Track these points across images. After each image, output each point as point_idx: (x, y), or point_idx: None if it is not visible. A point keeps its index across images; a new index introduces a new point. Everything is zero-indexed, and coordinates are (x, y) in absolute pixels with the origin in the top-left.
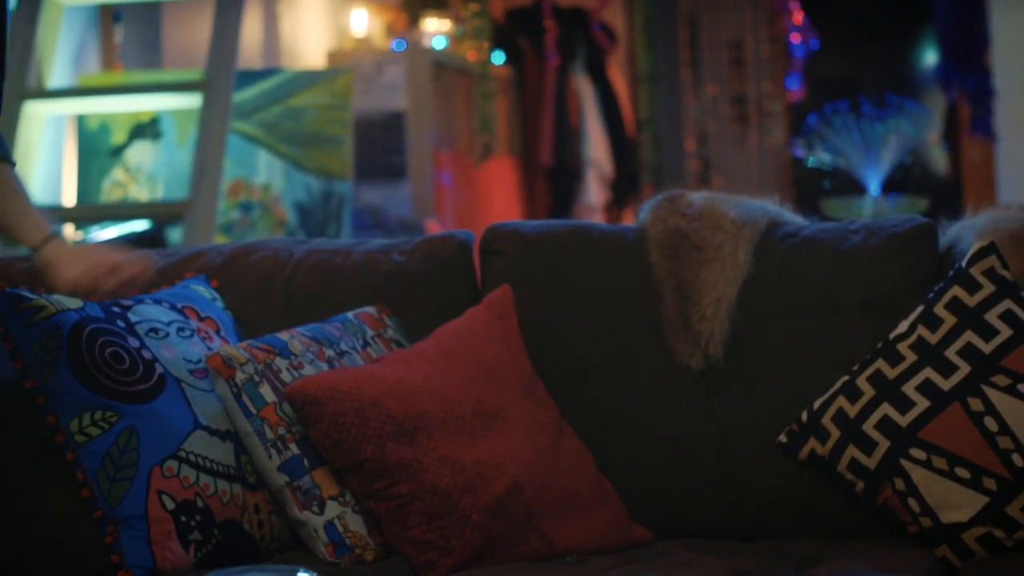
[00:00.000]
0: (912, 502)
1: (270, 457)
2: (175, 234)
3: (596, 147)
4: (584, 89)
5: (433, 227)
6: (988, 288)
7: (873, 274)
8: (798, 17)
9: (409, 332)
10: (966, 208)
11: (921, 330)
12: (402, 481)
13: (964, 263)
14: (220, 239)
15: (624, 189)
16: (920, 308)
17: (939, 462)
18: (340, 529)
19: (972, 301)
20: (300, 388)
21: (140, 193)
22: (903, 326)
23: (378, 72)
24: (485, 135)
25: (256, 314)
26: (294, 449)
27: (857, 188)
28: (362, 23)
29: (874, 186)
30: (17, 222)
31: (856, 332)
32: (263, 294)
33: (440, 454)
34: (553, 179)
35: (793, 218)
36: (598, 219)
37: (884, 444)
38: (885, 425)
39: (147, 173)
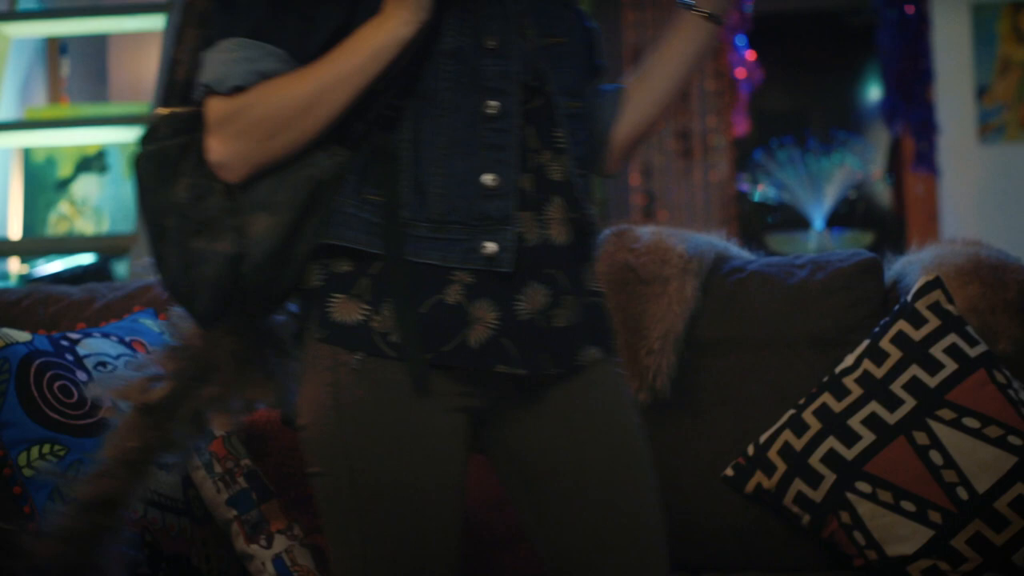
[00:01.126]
0: (858, 535)
1: (218, 491)
2: (121, 268)
3: None
4: None
5: None
6: (933, 322)
7: (819, 308)
8: (750, 53)
9: None
10: (910, 242)
11: (867, 364)
12: None
13: (910, 297)
14: None
15: None
16: (866, 342)
17: (884, 495)
18: (288, 563)
19: (917, 335)
20: (249, 422)
21: (86, 226)
22: (849, 360)
23: None
24: None
25: None
26: (242, 483)
27: (802, 223)
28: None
29: (819, 220)
30: None
31: (802, 366)
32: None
33: None
34: None
35: (740, 252)
36: None
37: (830, 477)
38: (831, 458)
39: (93, 206)
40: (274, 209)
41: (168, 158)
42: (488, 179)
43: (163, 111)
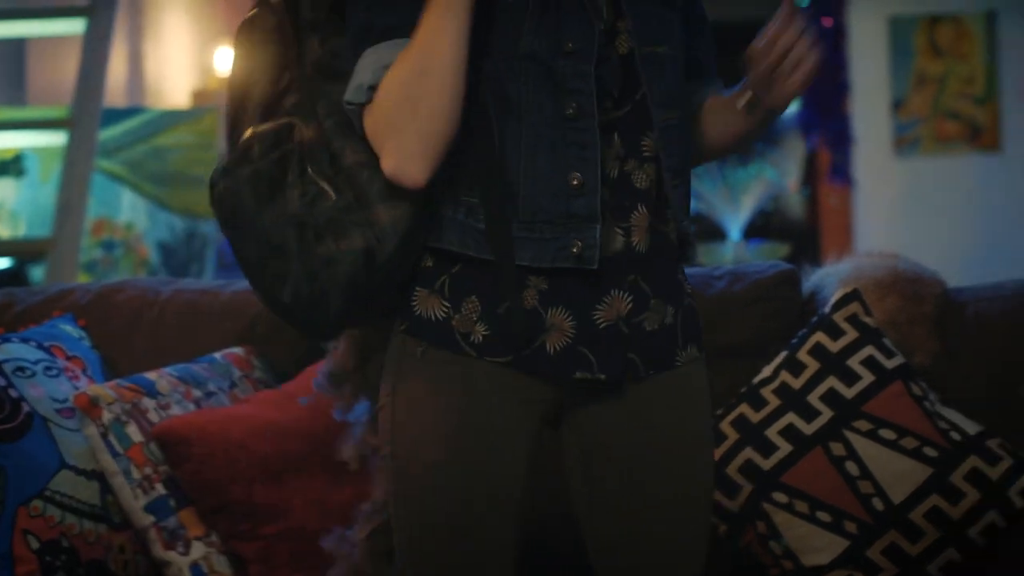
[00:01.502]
0: (774, 545)
1: (136, 497)
2: (37, 272)
3: None
4: None
5: None
6: (851, 334)
7: (737, 319)
8: None
9: (277, 374)
10: (824, 254)
11: (784, 375)
12: (269, 522)
13: (828, 309)
14: (83, 278)
15: None
16: (784, 353)
17: (801, 506)
18: (205, 570)
19: (835, 347)
20: (168, 428)
21: (2, 231)
22: (767, 371)
23: None
24: None
25: (123, 353)
26: (160, 489)
27: (718, 233)
28: (227, 62)
29: (735, 231)
30: None
31: (720, 376)
32: (131, 333)
33: (307, 496)
34: None
35: None
36: None
37: (747, 487)
38: (748, 469)
39: (9, 210)
40: (398, 199)
41: (267, 176)
42: (574, 177)
43: (248, 133)
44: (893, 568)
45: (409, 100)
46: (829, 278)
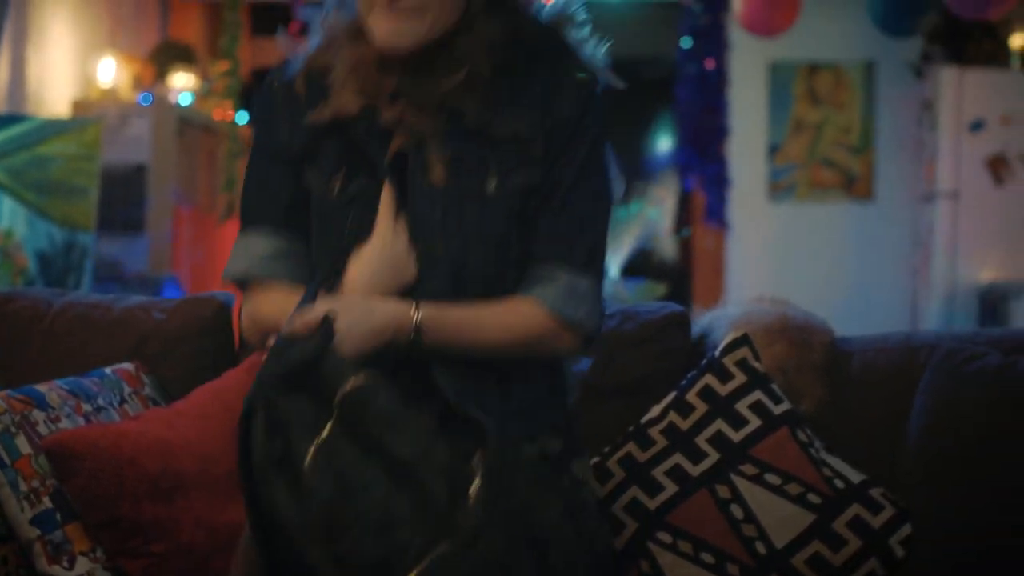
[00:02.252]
0: None
1: (22, 510)
2: None
3: None
4: None
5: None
6: (740, 378)
7: (627, 359)
8: None
9: (167, 390)
10: (695, 295)
11: (673, 416)
12: (156, 540)
13: (718, 352)
14: None
15: None
16: (672, 394)
17: (685, 546)
18: None
19: (724, 390)
20: (58, 441)
21: None
22: (655, 411)
23: (122, 124)
24: (229, 194)
25: (13, 364)
26: (47, 503)
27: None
28: (109, 73)
29: (614, 269)
30: None
31: (608, 415)
32: (20, 345)
33: (195, 515)
34: None
35: None
36: None
37: (632, 526)
38: (634, 507)
39: None
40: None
41: None
42: None
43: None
44: None
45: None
46: (719, 321)
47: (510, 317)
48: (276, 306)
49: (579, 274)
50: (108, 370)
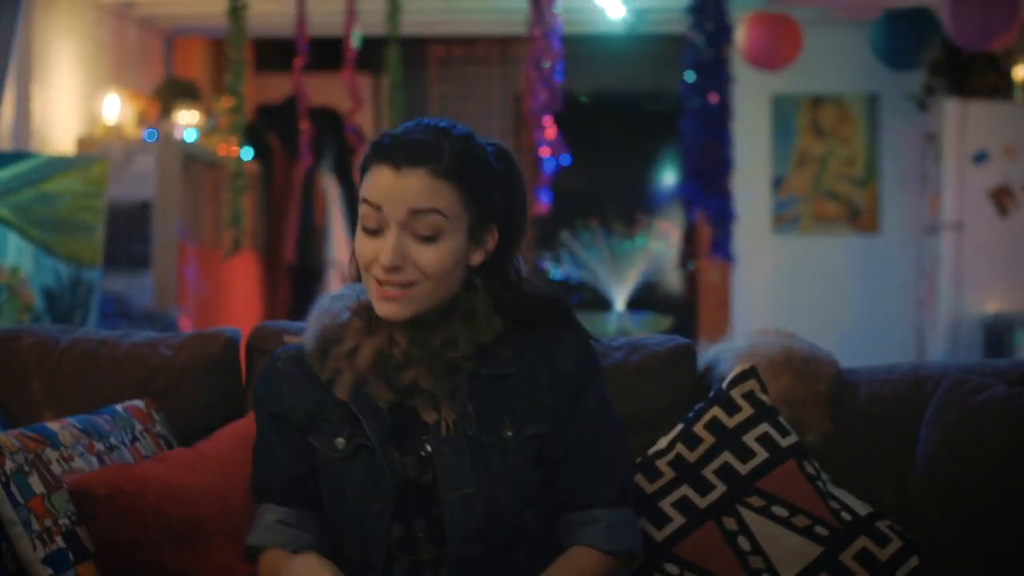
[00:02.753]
0: None
1: (35, 549)
2: None
3: (339, 248)
4: (331, 189)
5: (184, 321)
6: (747, 411)
7: (633, 390)
8: (551, 132)
9: (174, 427)
10: (701, 328)
11: (680, 448)
12: None
13: (725, 385)
14: None
15: None
16: (680, 426)
17: None
18: None
19: (731, 422)
20: (83, 484)
21: None
22: (662, 443)
23: (127, 161)
24: (235, 229)
25: (21, 402)
26: (60, 542)
27: (603, 303)
28: (114, 110)
29: (619, 302)
30: None
31: None
32: (28, 381)
33: (216, 563)
34: (296, 277)
35: None
36: None
37: (639, 558)
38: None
39: None
40: None
41: None
42: None
43: None
44: None
45: None
46: (725, 354)
47: (577, 570)
48: (268, 570)
49: (617, 509)
50: (119, 407)
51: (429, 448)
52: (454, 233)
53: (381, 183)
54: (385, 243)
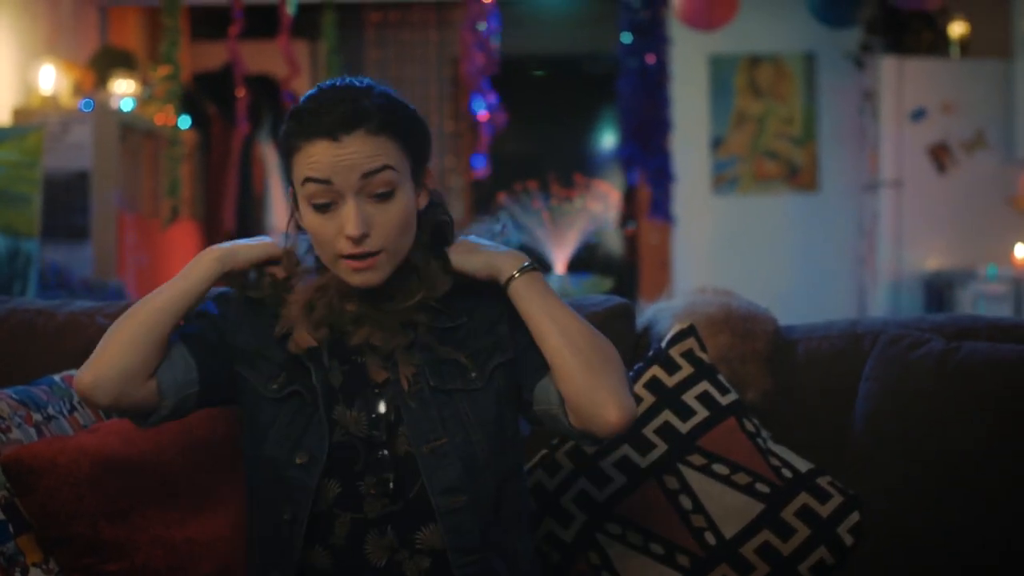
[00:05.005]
0: None
1: None
2: None
3: (279, 215)
4: (269, 157)
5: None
6: (686, 369)
7: None
8: (493, 96)
9: None
10: (642, 289)
11: None
12: (113, 559)
13: (664, 344)
14: None
15: None
16: None
17: (634, 537)
18: None
19: (671, 381)
20: (16, 457)
21: None
22: None
23: (64, 131)
24: (173, 199)
25: None
26: None
27: (544, 266)
28: (50, 80)
29: (559, 265)
30: None
31: None
32: None
33: (153, 533)
34: None
35: None
36: None
37: (581, 518)
38: (582, 500)
39: None
40: None
41: None
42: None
43: None
44: None
45: (111, 333)
46: (663, 313)
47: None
48: None
49: None
50: (57, 377)
51: (383, 408)
52: (404, 184)
53: (322, 158)
54: (347, 214)
